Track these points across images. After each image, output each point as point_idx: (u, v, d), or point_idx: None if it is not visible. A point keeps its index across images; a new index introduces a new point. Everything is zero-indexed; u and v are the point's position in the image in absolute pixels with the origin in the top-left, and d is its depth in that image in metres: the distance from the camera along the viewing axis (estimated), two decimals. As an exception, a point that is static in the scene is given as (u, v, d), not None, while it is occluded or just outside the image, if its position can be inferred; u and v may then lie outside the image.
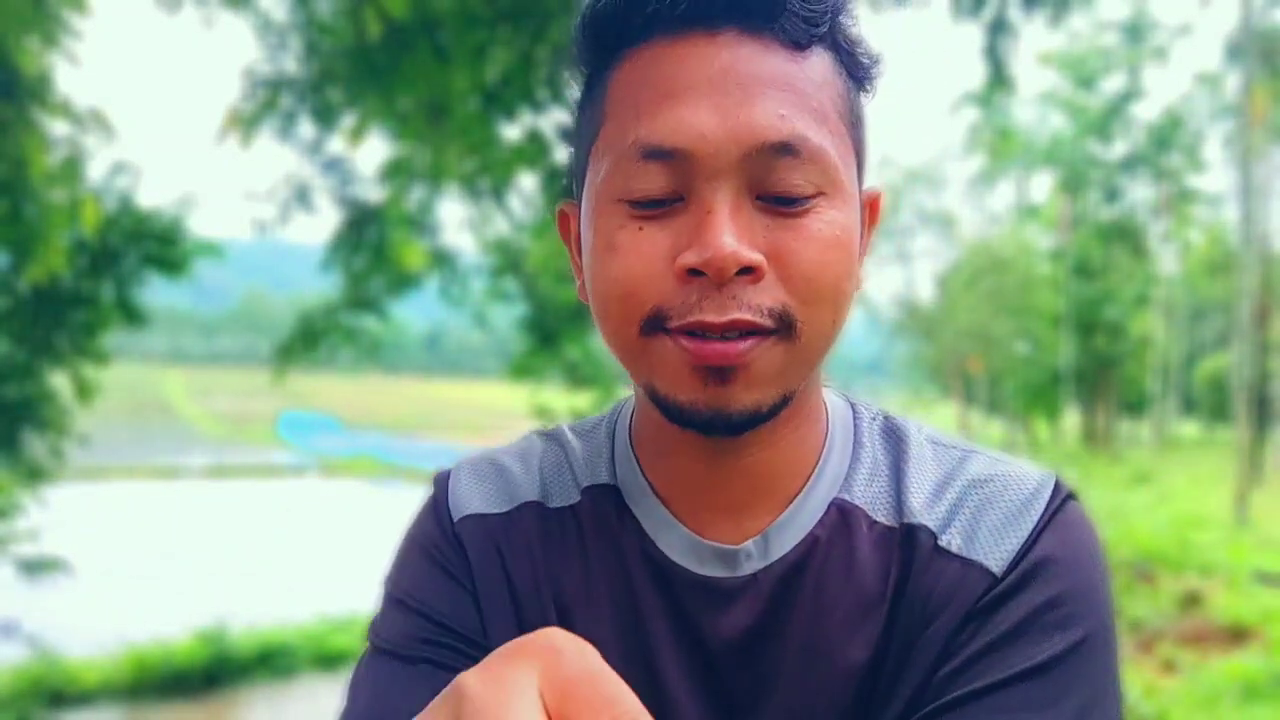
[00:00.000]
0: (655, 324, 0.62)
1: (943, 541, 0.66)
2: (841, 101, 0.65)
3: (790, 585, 0.67)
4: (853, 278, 0.65)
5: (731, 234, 0.59)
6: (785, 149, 0.60)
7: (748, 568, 0.68)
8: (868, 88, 0.68)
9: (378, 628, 0.72)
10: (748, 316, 0.60)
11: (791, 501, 0.69)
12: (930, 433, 0.74)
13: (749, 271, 0.60)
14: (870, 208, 0.71)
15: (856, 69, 0.67)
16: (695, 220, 0.61)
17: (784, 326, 0.61)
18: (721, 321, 0.60)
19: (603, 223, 0.64)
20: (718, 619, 0.68)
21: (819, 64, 0.64)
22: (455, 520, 0.74)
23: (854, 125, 0.66)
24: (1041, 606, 0.62)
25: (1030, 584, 0.63)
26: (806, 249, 0.61)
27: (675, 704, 0.68)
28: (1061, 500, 0.66)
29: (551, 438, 0.80)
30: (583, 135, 0.69)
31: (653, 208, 0.62)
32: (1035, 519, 0.65)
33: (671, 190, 0.62)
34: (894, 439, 0.73)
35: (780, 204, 0.61)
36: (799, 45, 0.63)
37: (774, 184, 0.61)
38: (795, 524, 0.69)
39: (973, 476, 0.69)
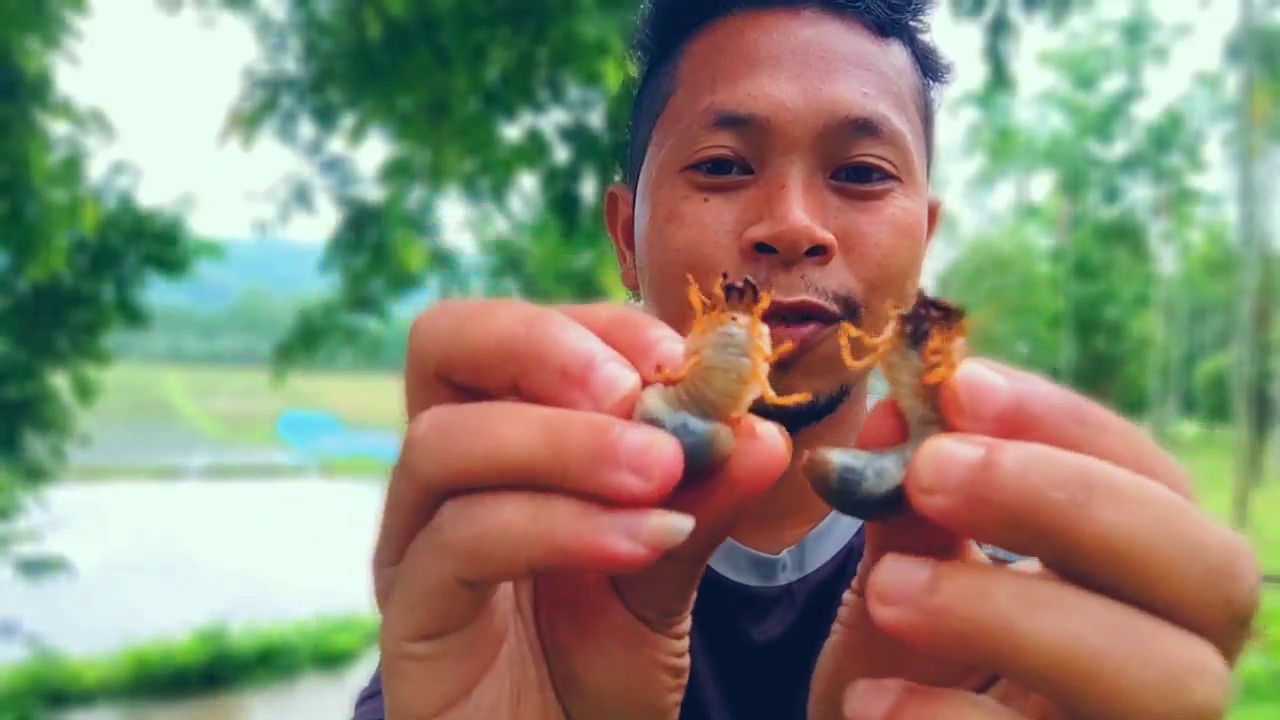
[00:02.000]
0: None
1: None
2: (919, 96, 0.63)
3: (826, 598, 0.65)
4: (916, 276, 0.61)
5: (804, 209, 0.56)
6: (866, 126, 0.58)
7: (783, 579, 0.65)
8: (937, 95, 0.67)
9: None
10: (815, 299, 0.56)
11: (829, 511, 0.66)
12: None
13: (819, 252, 0.57)
14: (930, 216, 0.67)
15: (932, 69, 0.65)
16: (766, 194, 0.58)
17: (848, 313, 0.58)
18: (789, 301, 0.56)
19: (664, 194, 0.61)
20: (750, 627, 0.66)
21: (899, 53, 0.62)
22: None
23: (927, 123, 0.64)
24: None
25: None
26: (879, 233, 0.58)
27: (705, 704, 0.66)
28: None
29: None
30: (645, 111, 0.66)
31: (720, 175, 0.59)
32: None
33: (741, 160, 0.59)
34: None
35: (856, 181, 0.59)
36: (881, 31, 0.61)
37: (851, 159, 0.58)
38: (832, 534, 0.66)
39: None
